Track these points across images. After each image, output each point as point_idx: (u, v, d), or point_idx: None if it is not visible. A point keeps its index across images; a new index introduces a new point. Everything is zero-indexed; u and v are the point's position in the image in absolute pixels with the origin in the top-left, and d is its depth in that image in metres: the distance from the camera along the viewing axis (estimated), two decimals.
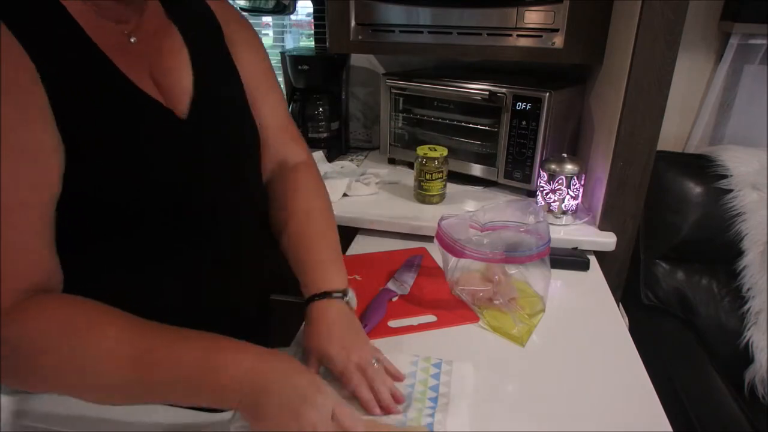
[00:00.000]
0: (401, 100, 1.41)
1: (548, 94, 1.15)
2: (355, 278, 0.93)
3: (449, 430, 0.60)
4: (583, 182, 1.13)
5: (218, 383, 0.51)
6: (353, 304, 0.72)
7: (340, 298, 0.70)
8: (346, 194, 1.26)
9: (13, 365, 0.47)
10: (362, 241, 1.13)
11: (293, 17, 1.79)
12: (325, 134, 1.52)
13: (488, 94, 1.22)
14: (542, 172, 1.13)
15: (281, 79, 1.55)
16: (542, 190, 1.13)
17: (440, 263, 0.94)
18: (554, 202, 1.12)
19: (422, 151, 1.18)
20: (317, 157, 1.47)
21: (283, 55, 1.50)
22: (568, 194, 1.10)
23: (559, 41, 1.15)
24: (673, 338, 1.22)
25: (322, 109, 1.50)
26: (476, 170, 1.33)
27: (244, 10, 1.54)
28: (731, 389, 1.04)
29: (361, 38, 1.33)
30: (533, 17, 1.15)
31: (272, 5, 1.52)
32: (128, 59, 0.58)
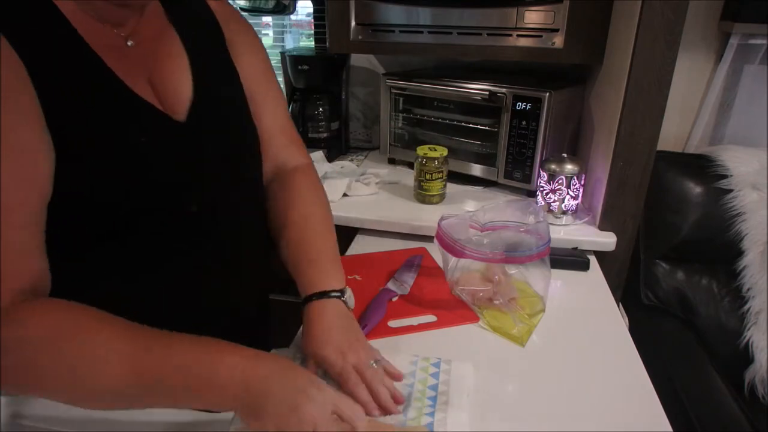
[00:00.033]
0: (401, 100, 1.41)
1: (548, 94, 1.15)
2: (355, 278, 0.93)
3: (449, 429, 0.60)
4: (583, 182, 1.13)
5: (215, 385, 0.51)
6: (351, 303, 0.72)
7: (337, 297, 0.70)
8: (346, 194, 1.26)
9: (10, 367, 0.47)
10: (362, 241, 1.13)
11: (293, 17, 1.79)
12: (325, 134, 1.52)
13: (488, 94, 1.22)
14: (542, 172, 1.13)
15: (281, 79, 1.55)
16: (542, 190, 1.13)
17: (440, 263, 0.94)
18: (554, 202, 1.12)
19: (422, 151, 1.18)
20: (317, 157, 1.47)
21: (283, 55, 1.50)
22: (568, 194, 1.10)
23: (559, 41, 1.15)
24: (673, 338, 1.22)
25: (322, 109, 1.50)
26: (476, 170, 1.33)
27: (244, 10, 1.54)
28: (731, 389, 1.04)
29: (361, 38, 1.33)
30: (533, 17, 1.15)
31: (272, 5, 1.52)
32: (124, 63, 0.58)
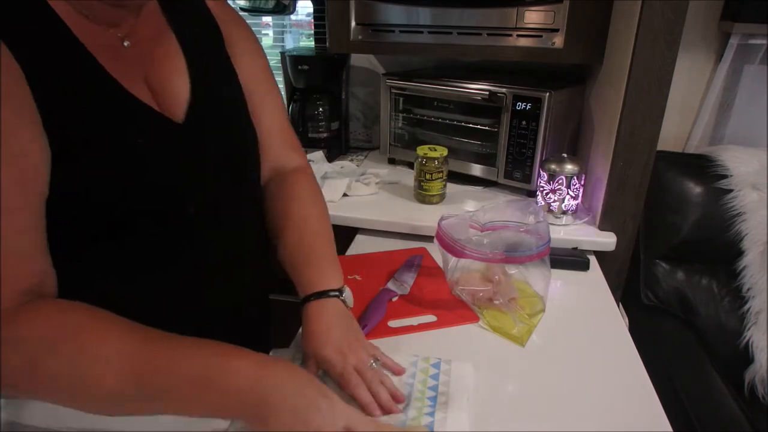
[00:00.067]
0: (401, 100, 1.41)
1: (548, 94, 1.15)
2: (355, 278, 0.93)
3: (450, 429, 0.60)
4: (583, 182, 1.13)
5: (223, 389, 0.51)
6: (350, 302, 0.72)
7: (336, 296, 0.70)
8: (346, 194, 1.26)
9: (11, 368, 0.47)
10: (362, 241, 1.13)
11: (293, 17, 1.79)
12: (325, 134, 1.52)
13: (488, 94, 1.22)
14: (542, 172, 1.13)
15: (281, 79, 1.55)
16: (542, 190, 1.13)
17: (440, 263, 0.94)
18: (554, 202, 1.11)
19: (422, 151, 1.18)
20: (317, 157, 1.47)
21: (283, 55, 1.50)
22: (568, 194, 1.10)
23: (559, 41, 1.15)
24: (673, 338, 1.22)
25: (322, 109, 1.50)
26: (476, 170, 1.33)
27: (244, 10, 1.54)
28: (731, 389, 1.04)
29: (361, 38, 1.33)
30: (533, 17, 1.15)
31: (272, 5, 1.52)
32: (120, 63, 0.58)
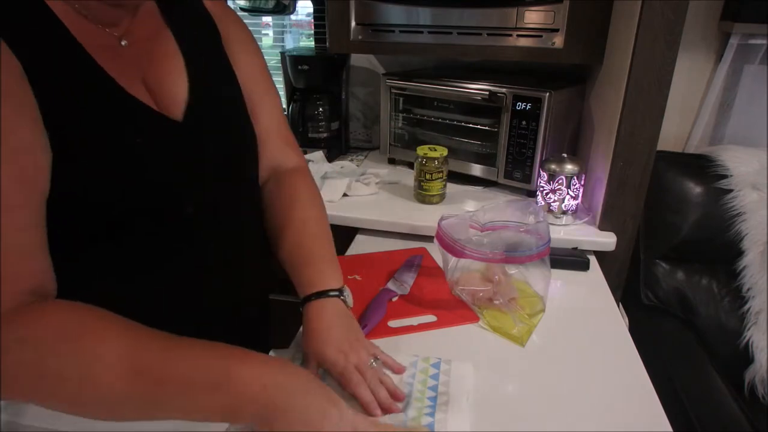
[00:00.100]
0: (401, 100, 1.41)
1: (548, 94, 1.15)
2: (355, 278, 0.93)
3: (450, 430, 0.60)
4: (583, 182, 1.13)
5: (229, 392, 0.50)
6: (349, 302, 0.72)
7: (336, 296, 0.70)
8: (346, 194, 1.26)
9: (13, 370, 0.46)
10: (362, 241, 1.13)
11: (293, 17, 1.79)
12: (325, 134, 1.52)
13: (488, 94, 1.22)
14: (542, 172, 1.13)
15: (281, 79, 1.55)
16: (542, 190, 1.13)
17: (440, 263, 0.94)
18: (554, 202, 1.11)
19: (422, 151, 1.18)
20: (317, 157, 1.47)
21: (283, 55, 1.50)
22: (568, 194, 1.10)
23: (559, 41, 1.15)
24: (673, 338, 1.22)
25: (322, 109, 1.50)
26: (476, 170, 1.33)
27: (244, 10, 1.54)
28: (731, 389, 1.04)
29: (361, 38, 1.33)
30: (533, 17, 1.15)
31: (272, 5, 1.52)
32: (118, 63, 0.58)
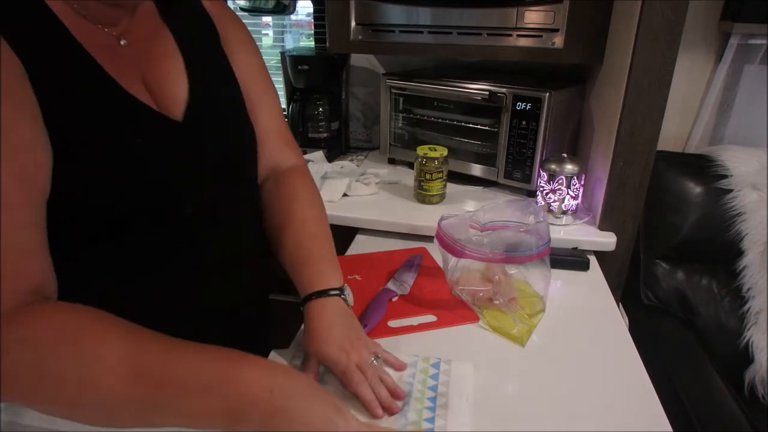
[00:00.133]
0: (401, 100, 1.41)
1: (548, 94, 1.15)
2: (355, 278, 0.93)
3: (450, 430, 0.60)
4: (583, 182, 1.13)
5: (235, 395, 0.50)
6: (350, 301, 0.72)
7: (337, 295, 0.70)
8: (346, 194, 1.26)
9: (12, 372, 0.45)
10: (362, 241, 1.13)
11: (293, 17, 1.79)
12: (325, 134, 1.52)
13: (488, 94, 1.22)
14: (542, 172, 1.13)
15: (281, 79, 1.55)
16: (542, 190, 1.13)
17: (440, 263, 0.94)
18: (554, 202, 1.11)
19: (422, 151, 1.18)
20: (317, 157, 1.47)
21: (283, 55, 1.50)
22: (568, 194, 1.10)
23: (559, 41, 1.15)
24: (673, 338, 1.22)
25: (322, 109, 1.50)
26: (476, 170, 1.33)
27: (244, 10, 1.54)
28: (731, 389, 1.04)
29: (361, 38, 1.33)
30: (533, 17, 1.15)
31: (272, 5, 1.52)
32: (117, 63, 0.58)
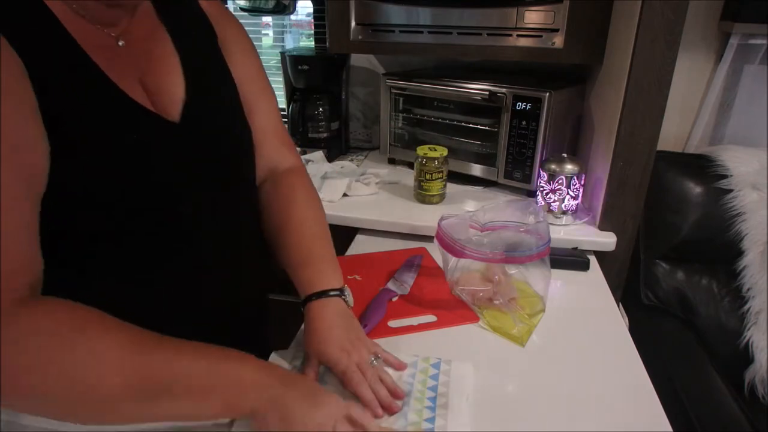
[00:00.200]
0: (401, 100, 1.41)
1: (548, 94, 1.15)
2: (355, 278, 0.93)
3: (450, 430, 0.61)
4: (583, 182, 1.13)
5: (237, 393, 0.52)
6: (350, 301, 0.73)
7: (337, 296, 0.70)
8: (346, 194, 1.26)
9: (11, 369, 0.45)
10: (362, 241, 1.13)
11: (293, 17, 1.79)
12: (325, 134, 1.52)
13: (488, 94, 1.22)
14: (542, 172, 1.13)
15: (281, 79, 1.55)
16: (542, 190, 1.13)
17: (440, 263, 0.94)
18: (554, 202, 1.11)
19: (422, 151, 1.18)
20: (317, 157, 1.47)
21: (283, 55, 1.50)
22: (568, 194, 1.10)
23: (559, 41, 1.15)
24: (673, 338, 1.22)
25: (322, 109, 1.50)
26: (476, 170, 1.32)
27: (244, 10, 1.54)
28: (731, 389, 1.04)
29: (361, 38, 1.33)
30: (533, 17, 1.15)
31: (272, 5, 1.52)
32: (115, 63, 0.58)
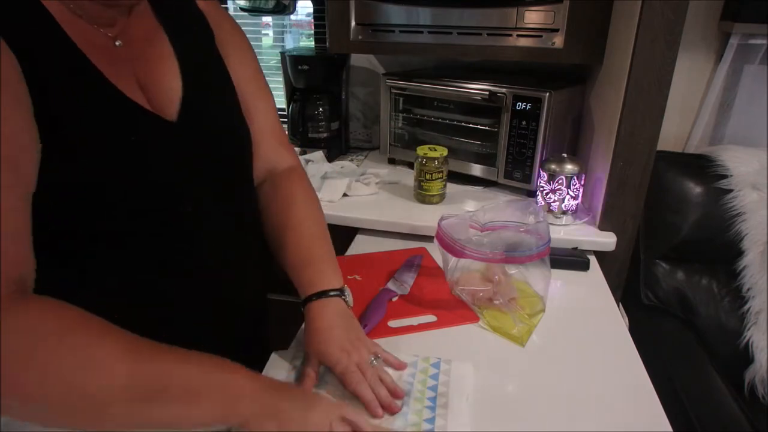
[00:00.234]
0: (401, 100, 1.41)
1: (548, 94, 1.15)
2: (355, 278, 0.93)
3: (450, 430, 0.61)
4: (583, 182, 1.13)
5: (229, 390, 0.52)
6: (350, 301, 0.73)
7: (337, 296, 0.70)
8: (346, 194, 1.26)
9: (9, 367, 0.44)
10: (362, 241, 1.13)
11: (293, 17, 1.79)
12: (325, 134, 1.52)
13: (488, 94, 1.22)
14: (542, 172, 1.13)
15: (281, 79, 1.55)
16: (542, 190, 1.13)
17: (440, 263, 0.94)
18: (554, 202, 1.11)
19: (422, 151, 1.18)
20: (317, 157, 1.47)
21: (283, 55, 1.50)
22: (568, 194, 1.10)
23: (559, 41, 1.15)
24: (673, 338, 1.22)
25: (322, 109, 1.50)
26: (476, 170, 1.32)
27: (244, 10, 1.54)
28: (731, 389, 1.04)
29: (361, 38, 1.33)
30: (533, 17, 1.15)
31: (272, 5, 1.52)
32: (112, 63, 0.57)
